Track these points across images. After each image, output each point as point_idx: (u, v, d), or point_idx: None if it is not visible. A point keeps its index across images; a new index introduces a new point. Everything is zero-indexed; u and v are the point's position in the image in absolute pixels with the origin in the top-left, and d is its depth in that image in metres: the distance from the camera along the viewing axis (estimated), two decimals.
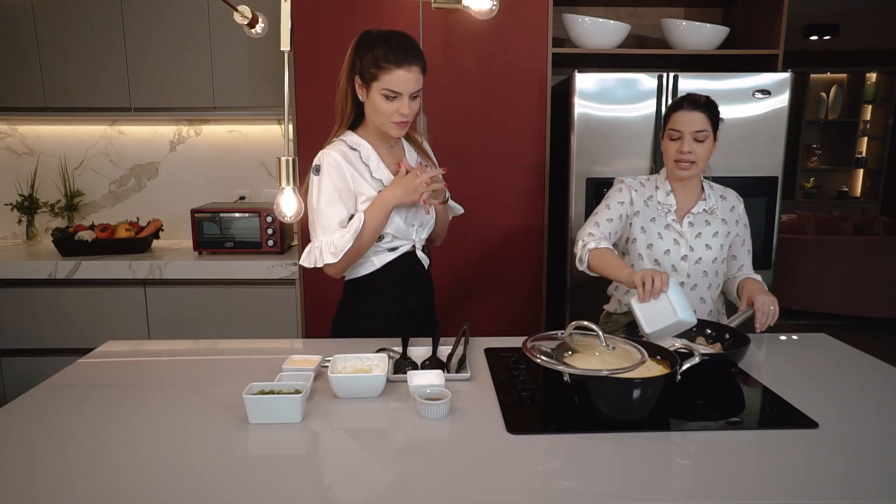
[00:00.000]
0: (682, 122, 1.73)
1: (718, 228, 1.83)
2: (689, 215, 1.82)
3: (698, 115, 1.72)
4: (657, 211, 1.82)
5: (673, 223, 1.81)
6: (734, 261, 1.89)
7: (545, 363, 1.23)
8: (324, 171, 1.62)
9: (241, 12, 1.65)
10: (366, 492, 0.98)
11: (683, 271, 1.81)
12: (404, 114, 1.59)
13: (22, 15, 2.77)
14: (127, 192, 3.22)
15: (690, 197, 1.84)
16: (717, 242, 1.82)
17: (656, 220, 1.81)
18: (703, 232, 1.82)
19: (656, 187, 1.85)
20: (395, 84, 1.56)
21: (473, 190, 2.67)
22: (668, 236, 1.81)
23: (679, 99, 1.77)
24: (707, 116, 1.73)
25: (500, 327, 2.72)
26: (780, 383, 1.42)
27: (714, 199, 1.85)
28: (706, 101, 1.75)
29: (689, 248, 1.80)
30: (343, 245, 1.58)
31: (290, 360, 1.45)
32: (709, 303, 1.85)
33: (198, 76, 2.82)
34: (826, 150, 7.51)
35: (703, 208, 1.83)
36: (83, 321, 2.72)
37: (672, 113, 1.76)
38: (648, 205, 1.83)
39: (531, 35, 2.61)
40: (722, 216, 1.84)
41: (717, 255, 1.82)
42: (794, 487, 0.99)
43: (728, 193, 1.89)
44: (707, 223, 1.83)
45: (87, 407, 1.30)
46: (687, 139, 1.72)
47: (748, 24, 2.94)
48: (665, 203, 1.82)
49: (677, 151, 1.74)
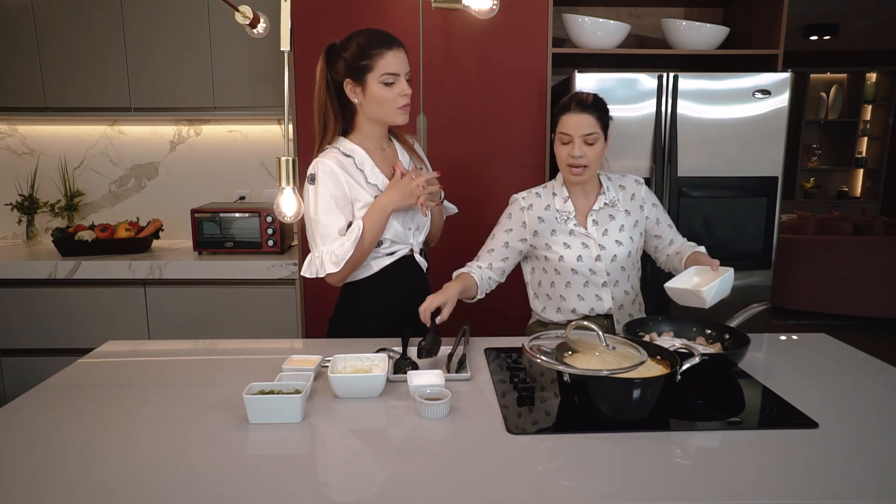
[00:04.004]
0: (570, 126, 1.69)
1: (623, 221, 1.80)
2: (592, 213, 1.79)
3: (586, 117, 1.68)
4: (556, 221, 1.79)
5: (576, 227, 1.78)
6: (660, 240, 1.86)
7: (545, 363, 1.23)
8: (319, 179, 1.62)
9: (243, 12, 1.65)
10: (365, 491, 0.98)
11: (602, 272, 1.77)
12: (407, 94, 1.62)
13: (22, 15, 2.77)
14: (127, 192, 3.22)
15: (590, 196, 1.81)
16: (625, 236, 1.79)
17: (557, 231, 1.78)
18: (608, 228, 1.79)
19: (553, 194, 1.82)
20: (392, 66, 1.58)
21: (473, 190, 2.67)
22: (576, 242, 1.78)
23: (566, 99, 1.73)
24: (595, 118, 1.68)
25: (500, 327, 2.72)
26: (780, 383, 1.42)
27: (613, 192, 1.81)
28: (594, 101, 1.70)
29: (599, 248, 1.77)
30: (344, 254, 1.58)
31: (290, 360, 1.45)
32: (631, 293, 1.86)
33: (198, 76, 2.82)
34: (826, 150, 7.51)
35: (603, 203, 1.79)
36: (83, 321, 2.72)
37: (561, 115, 1.72)
38: (544, 218, 1.79)
39: (531, 35, 2.61)
40: (624, 207, 1.81)
41: (629, 249, 1.79)
42: (794, 487, 0.99)
43: (626, 182, 1.85)
44: (611, 217, 1.80)
45: (87, 407, 1.30)
46: (577, 143, 1.68)
47: (748, 24, 2.94)
48: (563, 210, 1.79)
49: (569, 156, 1.71)
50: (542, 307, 1.90)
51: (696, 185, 2.60)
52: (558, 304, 1.84)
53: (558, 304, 1.84)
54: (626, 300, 1.84)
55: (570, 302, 1.81)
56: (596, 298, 1.80)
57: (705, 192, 2.61)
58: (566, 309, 1.83)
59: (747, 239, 2.65)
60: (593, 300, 1.80)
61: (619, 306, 1.83)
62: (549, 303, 1.87)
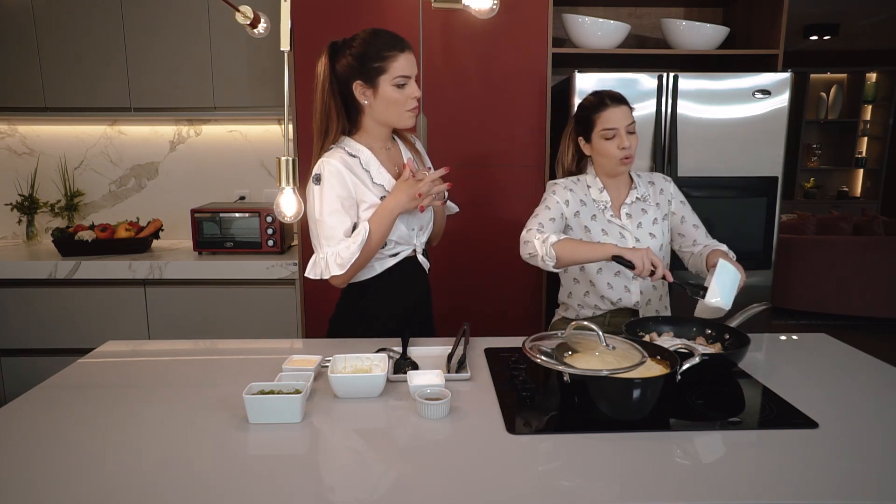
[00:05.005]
0: (614, 119, 1.75)
1: (655, 214, 1.85)
2: (625, 206, 1.83)
3: (625, 108, 1.77)
4: (595, 208, 1.83)
5: (613, 218, 1.82)
6: (684, 239, 1.88)
7: (545, 363, 1.23)
8: (325, 180, 1.60)
9: (243, 12, 1.65)
10: (366, 492, 0.98)
11: None
12: (417, 96, 1.62)
13: (22, 15, 2.77)
14: (127, 192, 3.22)
15: (622, 190, 1.86)
16: (658, 229, 1.84)
17: (597, 218, 1.82)
18: (642, 221, 1.83)
19: (588, 186, 1.85)
20: (405, 69, 1.59)
21: (473, 190, 2.67)
22: (613, 231, 1.81)
23: (596, 99, 1.79)
24: (629, 109, 1.78)
25: (500, 327, 2.72)
26: (780, 383, 1.42)
27: (644, 187, 1.86)
28: (622, 95, 1.79)
29: (635, 240, 1.81)
30: (349, 256, 1.57)
31: (290, 360, 1.45)
32: (660, 289, 1.88)
33: (198, 76, 2.82)
34: (826, 150, 7.51)
35: (635, 197, 1.84)
36: (83, 321, 2.72)
37: (598, 113, 1.77)
38: (585, 203, 1.83)
39: (531, 35, 2.61)
40: (655, 201, 1.86)
41: (661, 242, 1.84)
42: (794, 487, 0.99)
43: (655, 178, 1.91)
44: (644, 211, 1.84)
45: (87, 407, 1.30)
46: (623, 134, 1.75)
47: (748, 24, 2.94)
48: (600, 200, 1.83)
49: (619, 148, 1.75)
50: (568, 293, 1.91)
51: (696, 185, 2.60)
52: (587, 288, 1.86)
53: (586, 287, 1.86)
54: (653, 295, 1.86)
55: (600, 288, 1.83)
56: (624, 290, 1.83)
57: (705, 192, 2.61)
58: (595, 294, 1.84)
59: (747, 239, 2.65)
60: (622, 290, 1.83)
61: (646, 301, 1.85)
62: (576, 287, 1.88)
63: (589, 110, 1.79)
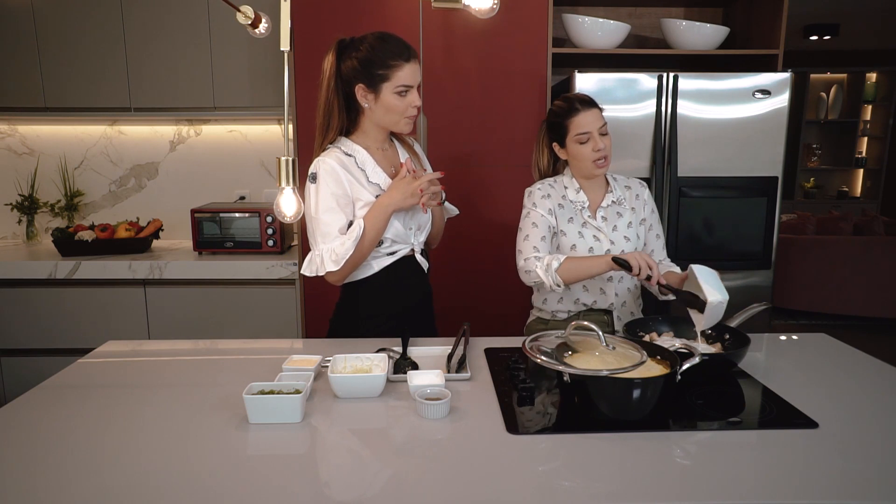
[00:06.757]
0: (586, 123, 1.76)
1: (630, 218, 1.86)
2: (601, 209, 1.84)
3: (596, 111, 1.77)
4: (572, 209, 1.83)
5: (589, 219, 1.83)
6: (644, 248, 1.89)
7: (545, 363, 1.23)
8: (320, 178, 1.62)
9: (244, 13, 1.65)
10: (366, 491, 0.98)
11: None
12: (417, 105, 1.63)
13: (22, 15, 2.77)
14: (127, 192, 3.22)
15: (598, 192, 1.86)
16: (633, 233, 1.85)
17: (574, 220, 1.83)
18: (617, 224, 1.84)
19: (565, 187, 1.86)
20: (408, 78, 1.60)
21: (473, 190, 2.67)
22: (588, 233, 1.82)
23: (566, 104, 1.79)
24: (600, 111, 1.78)
25: (500, 327, 2.72)
26: (780, 383, 1.42)
27: (620, 191, 1.87)
28: (591, 98, 1.80)
29: (609, 243, 1.82)
30: (344, 252, 1.58)
31: (290, 360, 1.45)
32: (634, 291, 1.89)
33: (198, 76, 2.82)
34: (826, 150, 7.51)
35: (611, 200, 1.85)
36: (83, 321, 2.72)
37: (570, 118, 1.77)
38: (563, 206, 1.84)
39: (531, 35, 2.61)
40: (630, 205, 1.87)
41: (636, 245, 1.85)
42: (794, 487, 0.99)
43: (632, 183, 1.92)
44: (619, 214, 1.85)
45: (87, 407, 1.30)
46: (596, 137, 1.76)
47: (748, 24, 2.94)
48: (577, 200, 1.84)
49: (593, 151, 1.76)
50: (542, 299, 1.91)
51: (696, 186, 2.61)
52: (562, 293, 1.85)
53: (562, 292, 1.85)
54: (628, 297, 1.87)
55: (575, 291, 1.84)
56: (600, 292, 1.84)
57: (705, 192, 2.61)
58: (569, 298, 1.85)
59: (747, 239, 2.65)
60: (597, 293, 1.84)
61: (621, 303, 1.86)
62: (550, 294, 1.88)
63: (560, 116, 1.80)
